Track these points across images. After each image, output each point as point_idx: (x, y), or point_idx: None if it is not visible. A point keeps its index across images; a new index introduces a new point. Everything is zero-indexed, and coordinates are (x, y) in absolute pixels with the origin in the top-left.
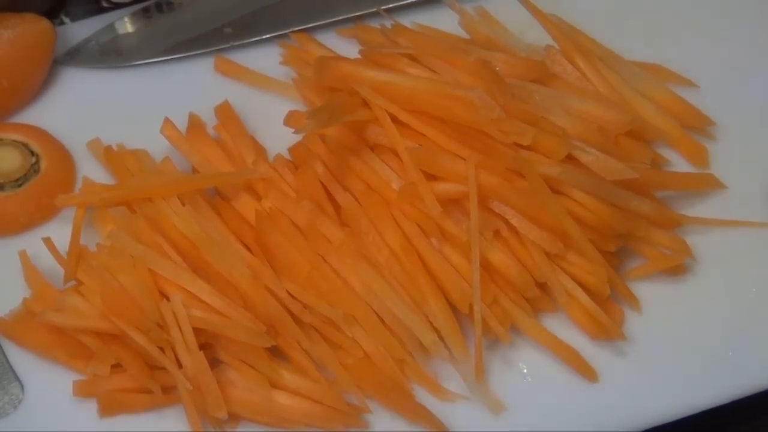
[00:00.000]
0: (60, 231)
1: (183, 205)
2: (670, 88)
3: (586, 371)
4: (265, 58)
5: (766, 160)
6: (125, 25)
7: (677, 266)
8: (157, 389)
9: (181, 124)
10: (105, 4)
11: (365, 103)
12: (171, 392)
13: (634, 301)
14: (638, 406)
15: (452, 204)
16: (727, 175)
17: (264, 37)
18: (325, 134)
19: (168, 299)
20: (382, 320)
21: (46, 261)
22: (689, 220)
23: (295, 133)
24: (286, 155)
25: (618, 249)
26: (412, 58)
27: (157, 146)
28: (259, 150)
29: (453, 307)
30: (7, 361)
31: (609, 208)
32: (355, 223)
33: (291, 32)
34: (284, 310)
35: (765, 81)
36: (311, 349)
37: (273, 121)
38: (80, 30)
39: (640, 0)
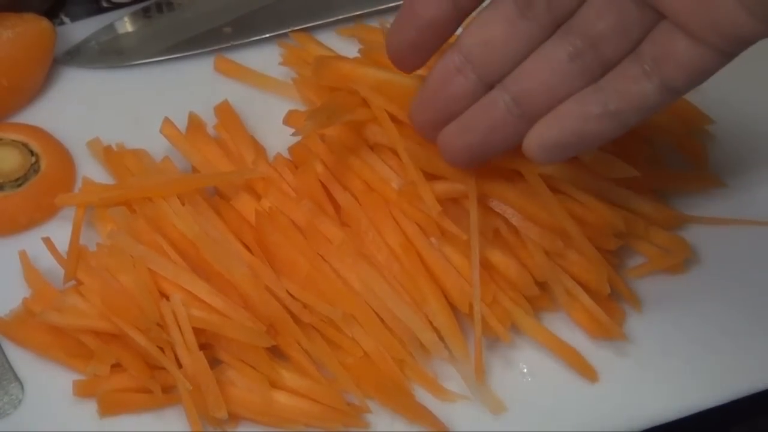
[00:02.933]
0: (60, 231)
1: (183, 204)
2: None
3: (586, 371)
4: (265, 58)
5: (766, 159)
6: (125, 24)
7: (677, 265)
8: (157, 389)
9: (181, 123)
10: (105, 4)
11: (365, 103)
12: (171, 392)
13: (634, 301)
14: (638, 406)
15: (452, 203)
16: (727, 174)
17: (264, 36)
18: (325, 134)
19: (168, 299)
20: (382, 320)
21: (46, 261)
22: (689, 219)
23: (294, 134)
24: (286, 155)
25: (618, 248)
26: None
27: (157, 146)
28: (259, 149)
29: (453, 307)
30: (7, 361)
31: (608, 206)
32: (355, 223)
33: (291, 32)
34: (284, 310)
35: (765, 80)
36: (311, 349)
37: (273, 121)
38: (80, 30)
39: None
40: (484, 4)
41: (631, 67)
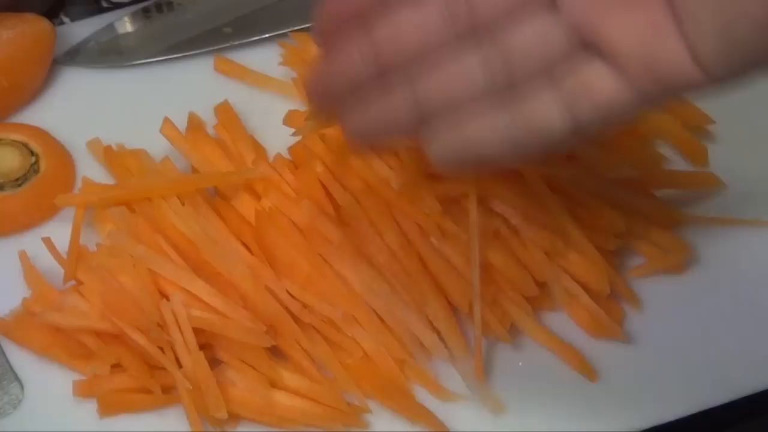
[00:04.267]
0: (60, 231)
1: (183, 204)
2: None
3: (586, 371)
4: (265, 58)
5: (766, 159)
6: (125, 24)
7: (677, 265)
8: (157, 389)
9: (181, 123)
10: (105, 4)
11: None
12: (171, 392)
13: (634, 300)
14: (638, 406)
15: (452, 203)
16: (727, 174)
17: (264, 36)
18: (325, 134)
19: (168, 299)
20: (382, 320)
21: (46, 261)
22: (689, 219)
23: (294, 134)
24: (286, 155)
25: (618, 248)
26: None
27: (157, 146)
28: (259, 149)
29: (453, 307)
30: (7, 361)
31: (608, 206)
32: (355, 223)
33: (291, 32)
34: (284, 310)
35: (765, 80)
36: (311, 349)
37: (273, 121)
38: (80, 30)
39: None
40: None
41: (543, 94)
